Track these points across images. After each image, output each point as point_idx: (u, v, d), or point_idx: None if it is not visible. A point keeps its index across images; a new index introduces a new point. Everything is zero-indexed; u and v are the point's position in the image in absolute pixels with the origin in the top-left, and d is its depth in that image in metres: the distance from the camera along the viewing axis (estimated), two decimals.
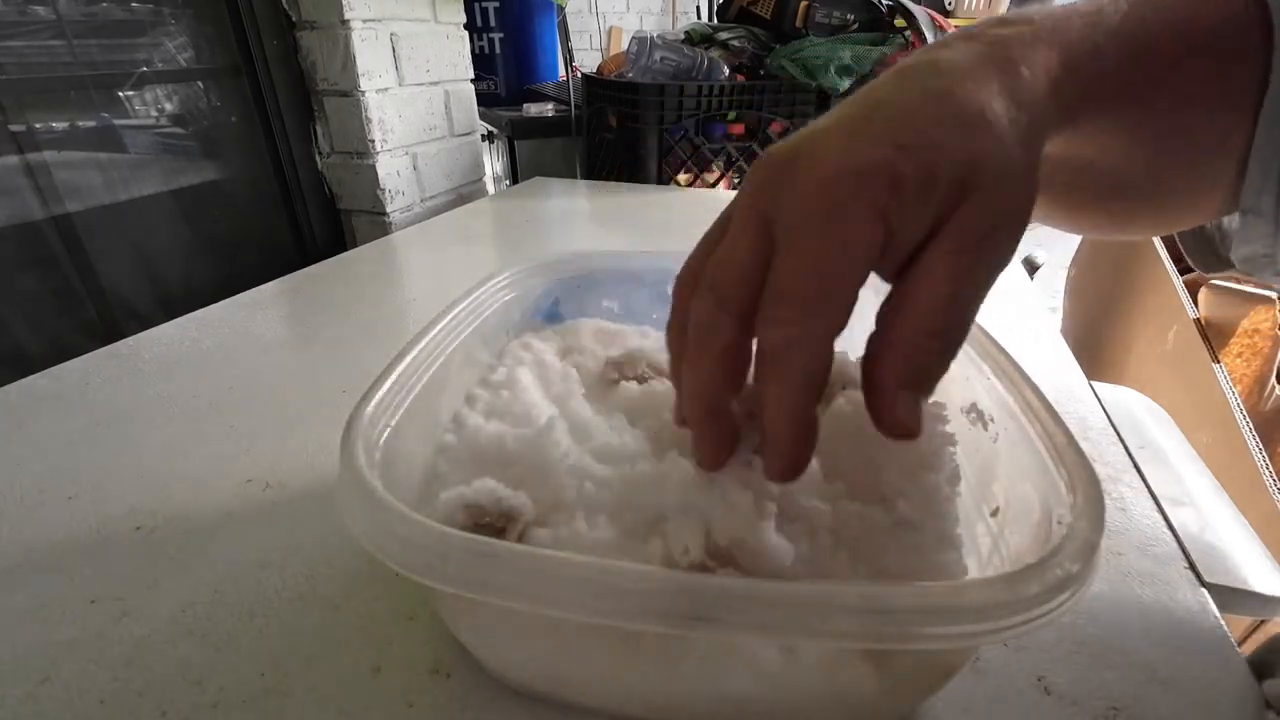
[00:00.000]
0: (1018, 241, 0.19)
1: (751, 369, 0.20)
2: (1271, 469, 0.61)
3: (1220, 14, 0.22)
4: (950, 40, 0.21)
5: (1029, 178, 0.19)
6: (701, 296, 0.20)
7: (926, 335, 0.19)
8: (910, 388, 0.19)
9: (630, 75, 1.12)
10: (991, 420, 0.29)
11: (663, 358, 0.38)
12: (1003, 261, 0.19)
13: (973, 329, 0.32)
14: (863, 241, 0.18)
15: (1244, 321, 0.79)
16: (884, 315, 0.19)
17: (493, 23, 1.44)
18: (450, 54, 1.03)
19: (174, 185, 0.82)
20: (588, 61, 2.36)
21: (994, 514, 0.28)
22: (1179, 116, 0.23)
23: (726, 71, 1.10)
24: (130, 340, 0.58)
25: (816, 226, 0.18)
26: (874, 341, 0.20)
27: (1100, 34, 0.21)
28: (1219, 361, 0.74)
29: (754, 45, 1.15)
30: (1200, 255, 0.31)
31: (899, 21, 1.13)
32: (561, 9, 1.33)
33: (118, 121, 0.77)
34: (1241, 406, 0.67)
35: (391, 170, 0.95)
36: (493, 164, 1.49)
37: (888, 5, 1.13)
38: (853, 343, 0.35)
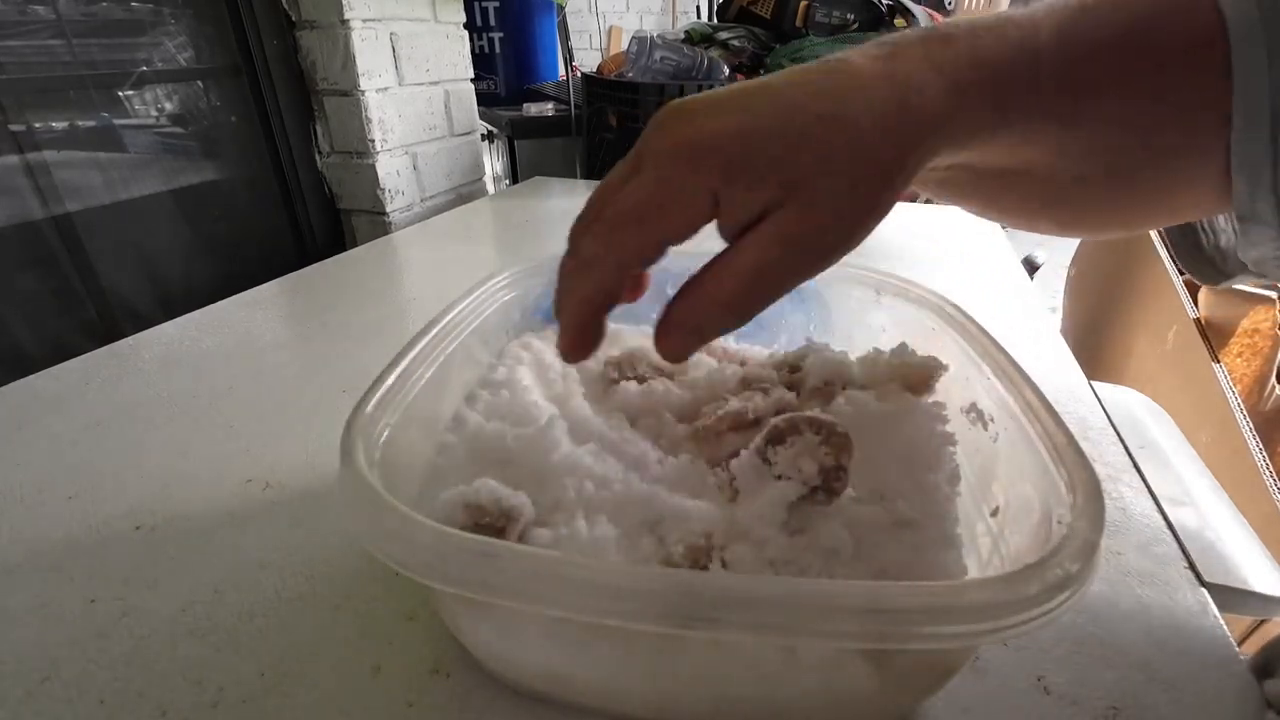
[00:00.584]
0: (836, 249, 0.21)
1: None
2: (1271, 469, 0.61)
3: (1173, 24, 0.22)
4: (868, 47, 0.22)
5: (868, 192, 0.20)
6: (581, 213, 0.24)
7: (715, 302, 0.21)
8: (686, 329, 0.22)
9: (630, 75, 1.12)
10: (991, 420, 0.29)
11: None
12: (811, 264, 0.21)
13: (972, 328, 0.32)
14: (681, 205, 0.21)
15: (1244, 321, 0.79)
16: (705, 266, 0.22)
17: (492, 22, 1.44)
18: (450, 53, 1.03)
19: (174, 185, 0.82)
20: (588, 61, 2.36)
21: (994, 514, 0.28)
22: (1132, 124, 0.23)
23: (727, 71, 1.10)
24: (130, 340, 0.58)
25: (654, 178, 0.21)
26: (687, 282, 0.22)
27: (1030, 45, 0.22)
28: (1219, 361, 0.74)
29: (754, 45, 1.15)
30: (1200, 270, 0.31)
31: (899, 21, 1.13)
32: (561, 9, 1.33)
33: (118, 121, 0.77)
34: (1241, 406, 0.67)
35: (391, 170, 0.95)
36: (493, 164, 1.49)
37: (888, 4, 1.13)
38: (852, 344, 0.35)
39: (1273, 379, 0.73)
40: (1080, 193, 0.25)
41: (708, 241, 0.22)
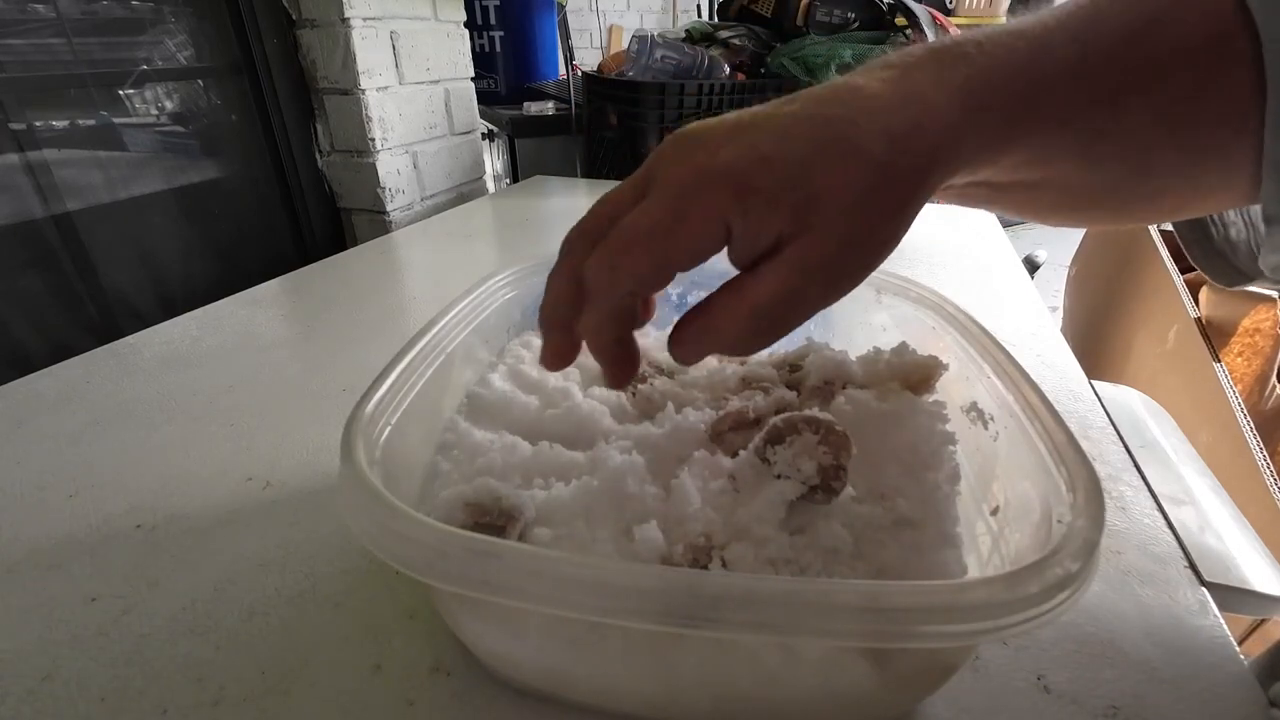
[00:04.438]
0: (854, 276, 0.21)
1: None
2: (1272, 468, 0.61)
3: (1191, 27, 0.21)
4: (875, 66, 0.22)
5: (883, 221, 0.21)
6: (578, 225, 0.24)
7: (731, 330, 0.22)
8: (702, 348, 0.23)
9: (631, 74, 1.12)
10: (991, 419, 0.29)
11: (663, 356, 0.38)
12: (831, 292, 0.21)
13: (973, 328, 0.32)
14: (693, 231, 0.20)
15: (1245, 320, 0.79)
16: (721, 289, 0.22)
17: (493, 20, 1.44)
18: (450, 52, 1.03)
19: (174, 184, 0.82)
20: (588, 60, 2.36)
21: (994, 513, 0.28)
22: (1155, 129, 0.22)
23: (727, 70, 1.10)
24: (130, 338, 0.58)
25: (664, 203, 0.21)
26: (700, 304, 0.23)
27: (1043, 59, 0.22)
28: (1220, 360, 0.74)
29: (754, 44, 1.15)
30: (1212, 265, 0.30)
31: (900, 20, 1.13)
32: (562, 7, 1.32)
33: (118, 120, 0.77)
34: (1242, 406, 0.67)
35: (392, 169, 0.95)
36: (493, 162, 1.48)
37: (889, 4, 1.13)
38: (852, 343, 0.35)
39: (1273, 378, 0.73)
40: (1109, 196, 0.25)
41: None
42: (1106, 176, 0.24)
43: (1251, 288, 0.78)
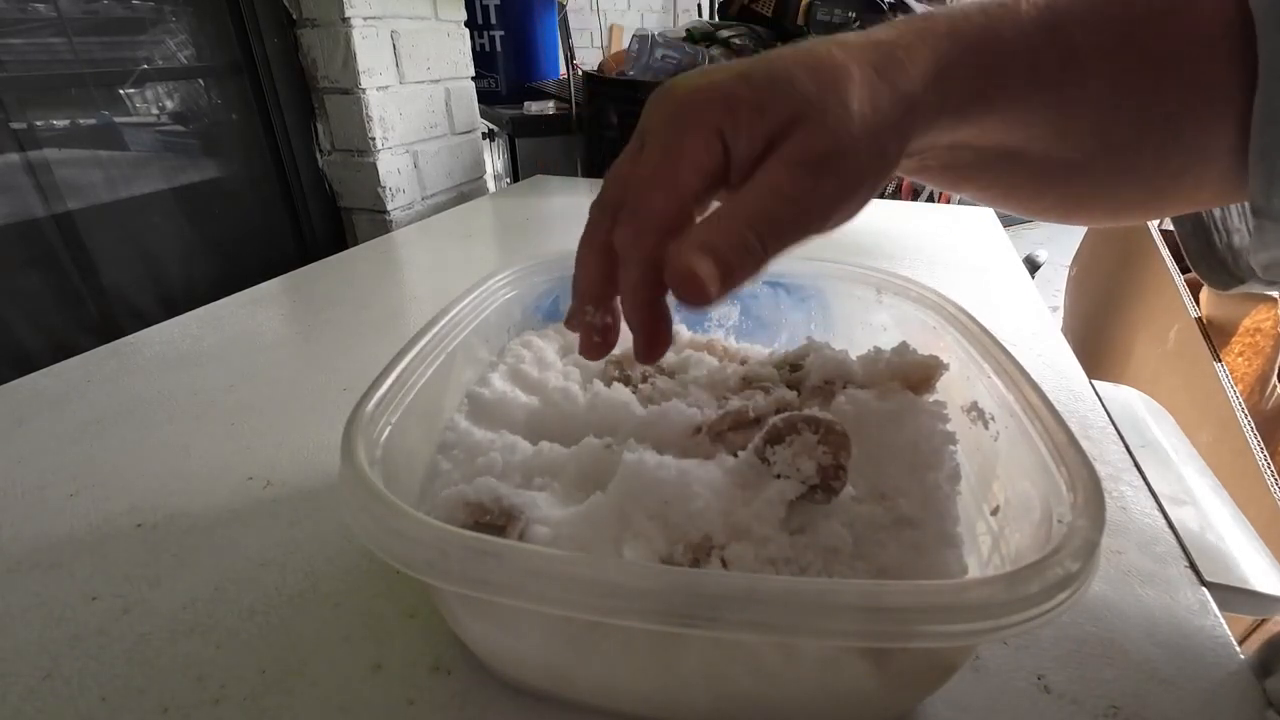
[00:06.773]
0: (844, 186, 0.21)
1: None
2: (1272, 468, 0.61)
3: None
4: (847, 33, 0.23)
5: (873, 125, 0.21)
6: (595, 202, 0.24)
7: (741, 222, 0.20)
8: (708, 253, 0.20)
9: (631, 73, 1.11)
10: (992, 419, 0.29)
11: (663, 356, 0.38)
12: (824, 196, 0.21)
13: (973, 327, 0.32)
14: (694, 150, 0.21)
15: (1245, 320, 0.79)
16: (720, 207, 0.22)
17: (493, 20, 1.44)
18: (451, 51, 1.03)
19: (175, 183, 0.82)
20: (589, 59, 2.35)
21: (994, 512, 0.28)
22: (1126, 90, 0.22)
23: None
24: (131, 338, 0.58)
25: (658, 140, 0.22)
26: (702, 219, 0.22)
27: (1010, 20, 0.22)
28: (1220, 360, 0.74)
29: (755, 43, 1.15)
30: (1211, 271, 0.30)
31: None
32: (563, 6, 1.32)
33: (118, 119, 0.77)
34: (1243, 405, 0.67)
35: (392, 168, 0.95)
36: (493, 162, 1.48)
37: (889, 3, 1.13)
38: (853, 343, 0.35)
39: (1274, 378, 0.73)
40: (1084, 174, 0.25)
41: None
42: (1076, 148, 0.24)
43: (1244, 289, 0.78)
